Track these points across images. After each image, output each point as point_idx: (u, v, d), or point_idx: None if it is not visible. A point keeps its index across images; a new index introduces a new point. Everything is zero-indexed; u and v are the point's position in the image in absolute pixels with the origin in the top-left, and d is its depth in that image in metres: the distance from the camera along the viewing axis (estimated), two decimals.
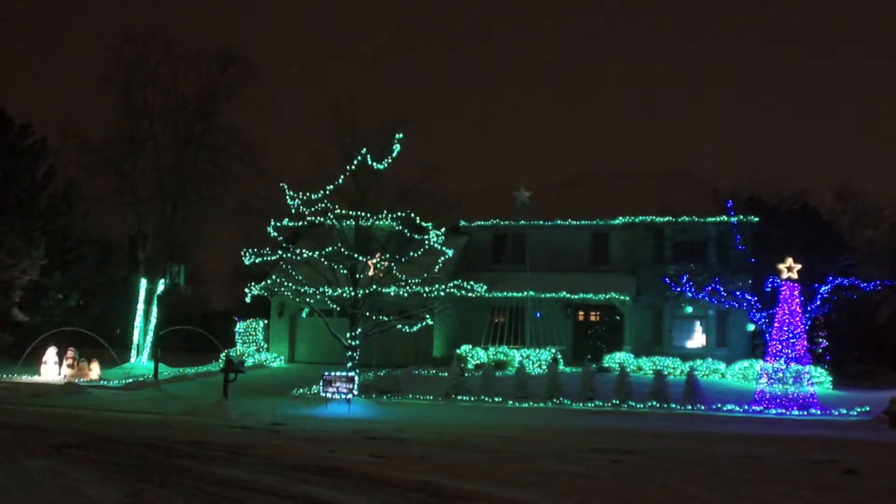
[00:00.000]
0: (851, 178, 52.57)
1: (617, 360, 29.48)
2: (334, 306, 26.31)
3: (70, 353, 27.99)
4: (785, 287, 23.60)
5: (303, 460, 10.97)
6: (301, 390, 25.12)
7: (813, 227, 30.70)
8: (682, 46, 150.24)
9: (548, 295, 32.55)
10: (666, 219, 33.15)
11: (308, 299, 26.83)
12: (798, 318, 23.51)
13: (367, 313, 25.37)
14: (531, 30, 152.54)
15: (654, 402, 22.84)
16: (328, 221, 25.07)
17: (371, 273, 25.17)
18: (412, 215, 24.96)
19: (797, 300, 23.63)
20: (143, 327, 33.56)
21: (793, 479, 10.26)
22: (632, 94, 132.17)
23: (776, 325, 23.60)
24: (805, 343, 23.69)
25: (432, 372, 28.83)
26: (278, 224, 25.00)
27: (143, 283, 33.85)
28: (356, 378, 22.89)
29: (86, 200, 37.23)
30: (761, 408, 22.52)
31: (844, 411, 22.15)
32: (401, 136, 24.34)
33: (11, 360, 29.75)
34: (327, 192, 24.54)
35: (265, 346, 34.24)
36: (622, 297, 32.04)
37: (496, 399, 23.71)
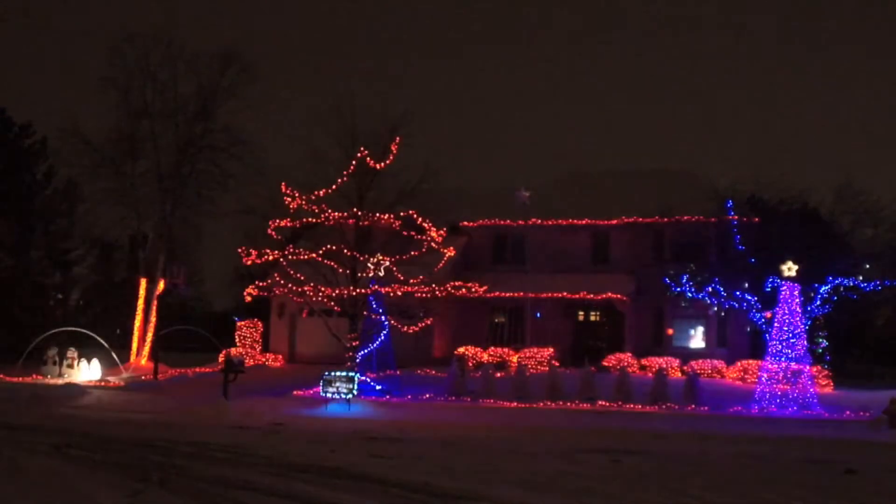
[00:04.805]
0: (851, 178, 52.32)
1: (617, 360, 29.46)
2: (334, 306, 26.30)
3: (70, 353, 27.96)
4: (785, 287, 23.58)
5: (303, 460, 10.97)
6: (301, 390, 25.11)
7: (813, 227, 30.58)
8: (683, 46, 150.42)
9: (548, 295, 32.53)
10: (666, 219, 33.10)
11: (308, 299, 26.83)
12: (798, 318, 23.49)
13: (367, 313, 25.38)
14: (531, 29, 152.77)
15: (654, 402, 22.83)
16: (328, 221, 25.07)
17: (371, 273, 25.17)
18: (412, 215, 24.95)
19: (797, 300, 23.62)
20: (143, 327, 33.54)
21: (793, 479, 10.27)
22: (631, 94, 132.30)
23: (776, 325, 23.59)
24: (805, 343, 23.67)
25: (432, 372, 28.82)
26: (278, 224, 24.99)
27: (143, 283, 33.84)
28: (356, 378, 22.89)
29: (86, 200, 37.22)
30: (761, 408, 22.51)
31: (844, 411, 22.13)
32: (399, 138, 24.37)
33: (11, 360, 29.74)
34: (327, 192, 24.54)
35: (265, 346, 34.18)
36: (622, 297, 32.03)
37: (496, 399, 23.69)
